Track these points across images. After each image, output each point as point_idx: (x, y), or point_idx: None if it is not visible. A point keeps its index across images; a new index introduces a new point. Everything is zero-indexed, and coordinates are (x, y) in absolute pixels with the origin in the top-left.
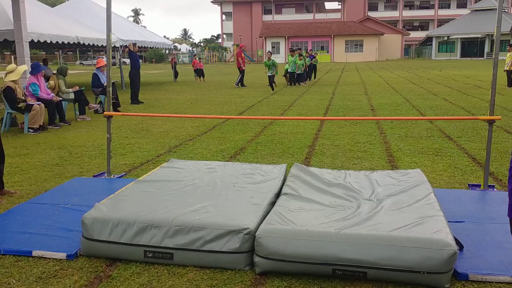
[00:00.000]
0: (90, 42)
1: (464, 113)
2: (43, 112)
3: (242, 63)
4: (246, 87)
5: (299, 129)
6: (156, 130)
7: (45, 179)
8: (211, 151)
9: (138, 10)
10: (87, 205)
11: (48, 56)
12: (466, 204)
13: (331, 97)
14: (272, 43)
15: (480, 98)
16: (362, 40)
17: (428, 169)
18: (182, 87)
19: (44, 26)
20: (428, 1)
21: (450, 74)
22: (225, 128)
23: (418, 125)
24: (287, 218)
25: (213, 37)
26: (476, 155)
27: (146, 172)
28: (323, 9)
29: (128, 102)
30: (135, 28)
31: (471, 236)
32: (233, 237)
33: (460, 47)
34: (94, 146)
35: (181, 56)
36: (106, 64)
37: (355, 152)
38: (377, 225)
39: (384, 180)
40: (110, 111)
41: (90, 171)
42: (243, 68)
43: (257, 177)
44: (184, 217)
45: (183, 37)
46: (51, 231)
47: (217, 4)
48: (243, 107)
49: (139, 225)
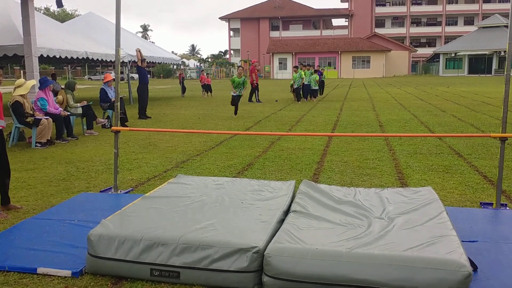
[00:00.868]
0: (99, 57)
1: (473, 130)
2: (51, 127)
3: (256, 79)
4: (261, 103)
5: (307, 145)
6: (163, 145)
7: (51, 194)
8: (219, 167)
9: (146, 26)
10: (93, 221)
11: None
12: (478, 223)
13: (338, 113)
14: (280, 59)
15: (489, 115)
16: (369, 56)
17: (438, 187)
18: (190, 102)
19: (54, 41)
20: (435, 18)
21: (458, 90)
22: (232, 143)
23: (427, 142)
24: (296, 237)
25: (221, 52)
26: (487, 172)
27: (153, 188)
28: (330, 26)
29: (135, 117)
30: (144, 43)
31: (485, 257)
32: (241, 256)
33: (467, 64)
34: (101, 161)
35: (188, 71)
36: (114, 79)
37: (364, 169)
38: (389, 245)
39: (395, 198)
40: (118, 126)
41: (97, 186)
42: (257, 83)
43: (265, 194)
44: (191, 234)
45: (191, 52)
46: (56, 248)
47: (225, 21)
48: (251, 123)
49: (145, 242)
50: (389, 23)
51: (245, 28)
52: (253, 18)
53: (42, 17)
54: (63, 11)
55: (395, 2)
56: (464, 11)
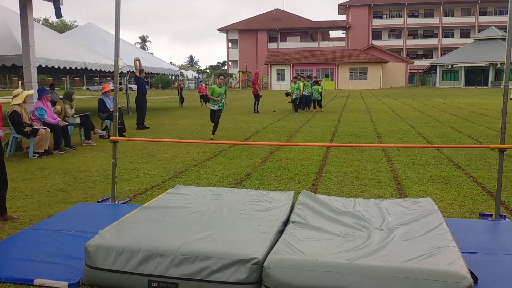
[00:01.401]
0: (97, 68)
1: (471, 141)
2: (48, 137)
3: (259, 89)
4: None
5: (305, 156)
6: (161, 155)
7: (48, 205)
8: (217, 177)
9: (145, 37)
10: (90, 232)
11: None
12: (478, 234)
13: (336, 124)
14: (277, 70)
15: (487, 126)
16: (366, 68)
17: (437, 198)
18: (188, 112)
19: (52, 51)
20: (432, 30)
21: (455, 102)
22: (231, 153)
23: (425, 153)
24: (296, 248)
25: (219, 64)
26: (485, 183)
27: (151, 198)
28: (328, 38)
29: (133, 127)
30: (142, 54)
31: (485, 268)
32: (240, 267)
33: (464, 76)
34: (99, 171)
35: (187, 82)
36: (113, 89)
37: (363, 180)
38: (389, 256)
39: (394, 209)
40: (117, 136)
41: (94, 196)
42: (260, 94)
43: (264, 205)
44: (190, 245)
45: (189, 63)
46: (53, 259)
47: (223, 32)
48: (249, 133)
49: (143, 253)
50: (386, 35)
51: (243, 39)
52: (251, 29)
53: (41, 27)
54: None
55: (392, 14)
56: (461, 23)
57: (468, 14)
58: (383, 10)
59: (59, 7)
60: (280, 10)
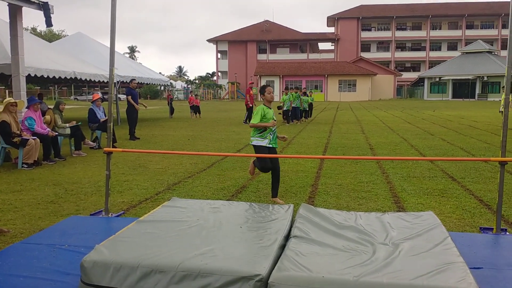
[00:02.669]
0: (87, 77)
1: (463, 153)
2: (38, 147)
3: (250, 100)
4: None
5: (299, 167)
6: (153, 167)
7: (39, 217)
8: (212, 189)
9: (134, 47)
10: (85, 246)
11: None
12: (481, 249)
13: (328, 135)
14: (267, 81)
15: (477, 138)
16: (355, 80)
17: (436, 211)
18: (178, 123)
19: (41, 60)
20: (420, 43)
21: (443, 114)
22: (224, 165)
23: (419, 165)
24: (301, 264)
25: (208, 74)
26: (482, 196)
27: (145, 211)
28: (317, 50)
29: (124, 138)
30: (132, 64)
31: (492, 284)
32: (243, 284)
33: (451, 88)
34: (90, 182)
35: (176, 92)
36: (108, 100)
37: (359, 192)
38: (397, 272)
39: (397, 223)
40: (110, 147)
41: (86, 209)
42: (251, 105)
43: (264, 218)
44: (190, 261)
45: (178, 74)
46: (47, 275)
47: (212, 43)
48: (241, 144)
49: (142, 269)
50: (375, 48)
51: (233, 50)
52: (241, 40)
53: (30, 36)
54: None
55: (380, 27)
56: (448, 36)
57: (455, 27)
58: (372, 23)
59: (49, 16)
60: (269, 21)
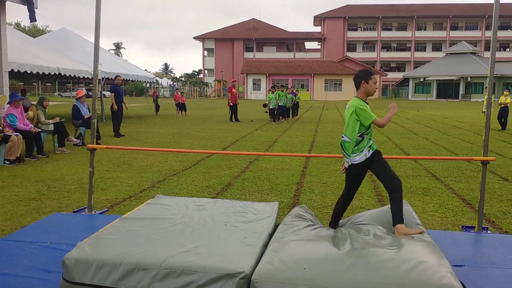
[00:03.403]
0: (71, 74)
1: (446, 152)
2: (20, 144)
3: (232, 99)
4: (233, 122)
5: (285, 166)
6: (138, 164)
7: (21, 214)
8: (197, 187)
9: (119, 43)
10: (67, 243)
11: (26, 87)
12: (463, 247)
13: (314, 134)
14: (254, 79)
15: (461, 138)
16: (341, 79)
17: (419, 209)
18: (164, 121)
19: (25, 56)
20: (405, 44)
21: (428, 114)
22: (210, 163)
23: (403, 164)
24: (284, 261)
25: (194, 72)
26: (465, 195)
27: (129, 208)
28: (304, 49)
29: (108, 134)
30: (118, 60)
31: (474, 282)
32: (227, 282)
33: (436, 89)
34: (73, 179)
35: (161, 90)
36: (93, 96)
37: None
38: (380, 269)
39: (379, 220)
40: (94, 144)
41: (69, 206)
42: (231, 104)
43: (249, 216)
44: (174, 259)
45: (164, 71)
46: (28, 272)
47: (199, 40)
48: (227, 142)
49: (125, 267)
50: (361, 48)
51: (220, 48)
52: (227, 38)
53: (13, 31)
54: (34, 27)
55: (366, 27)
56: (432, 37)
57: (440, 28)
58: (358, 23)
59: (33, 11)
60: (256, 20)
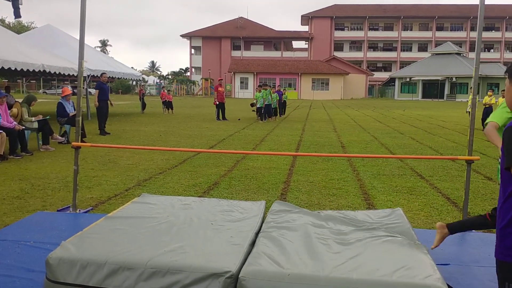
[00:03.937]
0: (57, 71)
1: (432, 152)
2: (4, 141)
3: (218, 97)
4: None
5: (272, 164)
6: (123, 163)
7: (4, 213)
8: (183, 186)
9: (105, 41)
10: (50, 243)
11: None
12: (448, 245)
13: (301, 133)
14: (241, 78)
15: (446, 138)
16: (328, 78)
17: (405, 208)
18: (150, 119)
19: (9, 52)
20: (391, 44)
21: (413, 114)
22: (196, 161)
23: (389, 163)
24: (271, 259)
25: (181, 70)
26: (450, 194)
27: (114, 207)
28: (291, 48)
29: (94, 132)
30: (103, 58)
31: (459, 281)
32: (213, 281)
33: (421, 88)
34: (58, 178)
35: (148, 88)
36: (77, 93)
37: (330, 189)
38: (365, 269)
39: (366, 219)
40: (79, 141)
41: (53, 205)
42: (217, 102)
43: (235, 215)
44: (159, 258)
45: (151, 69)
46: (11, 272)
47: (186, 38)
48: (214, 141)
49: (110, 266)
50: (348, 47)
51: (207, 46)
52: (215, 37)
53: None
54: (19, 23)
55: (353, 27)
56: (418, 38)
57: (426, 29)
58: (345, 23)
59: (18, 7)
60: (244, 18)
